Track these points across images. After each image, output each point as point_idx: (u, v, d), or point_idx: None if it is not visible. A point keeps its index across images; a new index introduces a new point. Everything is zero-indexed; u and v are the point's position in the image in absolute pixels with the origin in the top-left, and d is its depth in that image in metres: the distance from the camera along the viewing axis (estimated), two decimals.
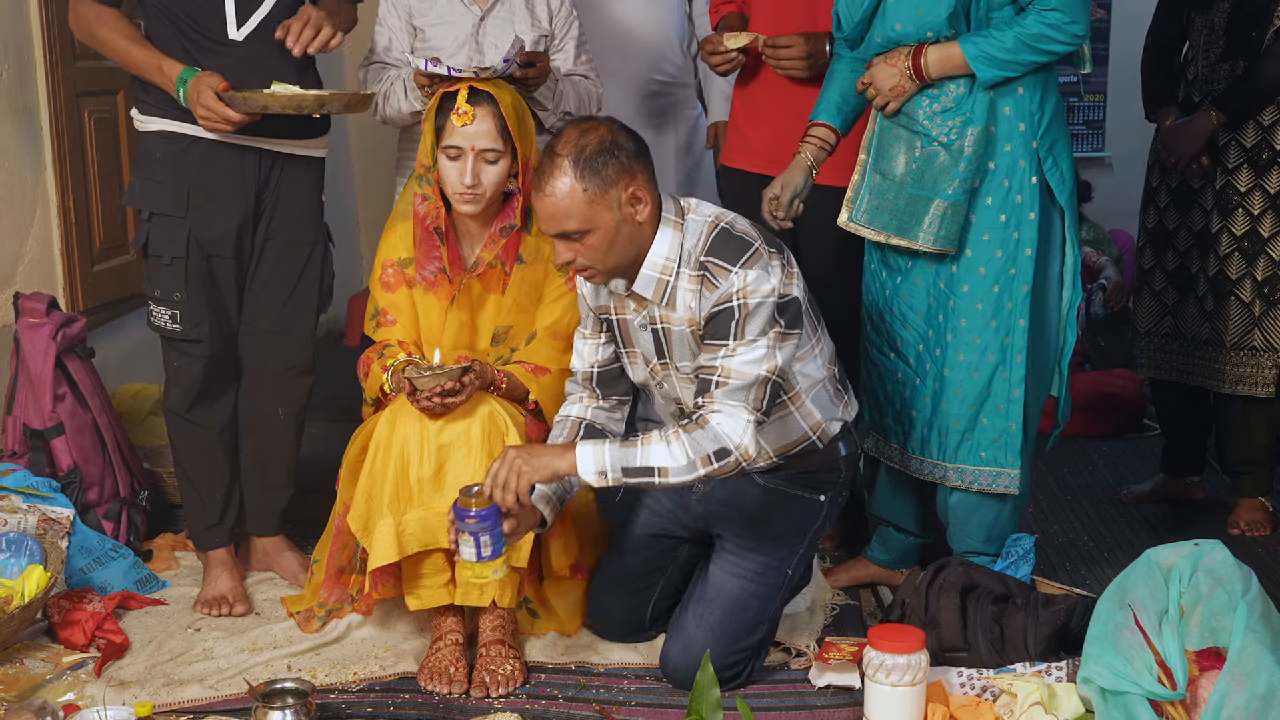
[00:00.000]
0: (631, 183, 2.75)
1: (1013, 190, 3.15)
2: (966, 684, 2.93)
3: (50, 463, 3.64)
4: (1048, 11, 3.03)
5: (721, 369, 2.76)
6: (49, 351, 3.63)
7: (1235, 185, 3.87)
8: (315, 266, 3.49)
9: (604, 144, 2.73)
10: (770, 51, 3.54)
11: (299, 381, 3.53)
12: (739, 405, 2.76)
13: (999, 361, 3.20)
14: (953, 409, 3.25)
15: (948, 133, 3.14)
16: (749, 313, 2.74)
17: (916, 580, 3.13)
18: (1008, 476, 3.25)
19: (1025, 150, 3.14)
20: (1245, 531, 3.96)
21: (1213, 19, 3.90)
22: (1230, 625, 2.59)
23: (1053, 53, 3.07)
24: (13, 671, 3.00)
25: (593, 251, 2.77)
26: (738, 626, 3.02)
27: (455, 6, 3.59)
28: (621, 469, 2.77)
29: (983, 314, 3.19)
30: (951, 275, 3.21)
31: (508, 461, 2.79)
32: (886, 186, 3.22)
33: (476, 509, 2.78)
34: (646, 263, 2.84)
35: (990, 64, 3.07)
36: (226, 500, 3.51)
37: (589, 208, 2.72)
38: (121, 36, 3.24)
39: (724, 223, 2.84)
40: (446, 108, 3.14)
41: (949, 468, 3.30)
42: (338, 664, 3.12)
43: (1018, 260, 3.16)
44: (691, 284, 2.84)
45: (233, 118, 3.14)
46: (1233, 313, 3.91)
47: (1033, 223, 3.15)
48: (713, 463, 2.75)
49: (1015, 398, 3.21)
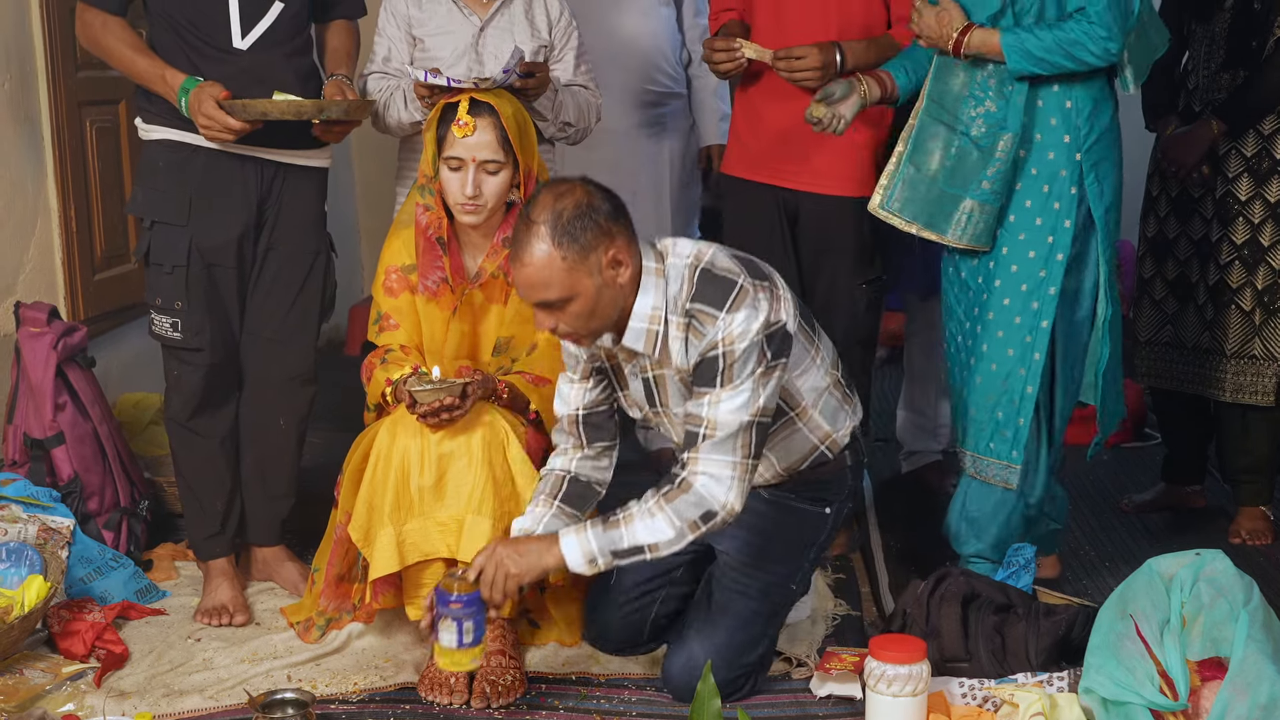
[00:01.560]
0: (611, 245, 2.68)
1: (1051, 197, 3.26)
2: (968, 694, 2.92)
3: (51, 472, 3.63)
4: (1089, 23, 3.12)
5: (708, 421, 2.72)
6: (50, 361, 3.63)
7: (1235, 194, 3.87)
8: (317, 276, 3.49)
9: (580, 207, 2.64)
10: (784, 64, 3.51)
11: (301, 391, 3.53)
12: (725, 458, 2.72)
13: (1018, 358, 3.30)
14: (974, 398, 3.37)
15: (984, 134, 3.24)
16: (735, 359, 2.69)
17: (918, 590, 3.13)
18: (1010, 471, 3.35)
19: (1068, 161, 3.24)
20: (1247, 540, 3.96)
21: (1213, 28, 3.90)
22: (1232, 635, 2.59)
23: (1083, 61, 3.15)
24: (12, 682, 2.99)
25: (575, 318, 2.71)
26: (741, 643, 3.00)
27: (455, 16, 3.59)
28: (611, 553, 2.74)
29: (1009, 310, 3.30)
30: (987, 270, 3.33)
31: (495, 560, 2.76)
32: (919, 179, 3.30)
33: (461, 593, 2.73)
34: (634, 314, 2.76)
35: (1023, 57, 3.16)
36: (227, 510, 3.51)
37: (569, 275, 2.64)
38: (126, 45, 3.25)
39: (704, 263, 2.76)
40: (448, 119, 3.14)
41: (968, 455, 3.42)
42: (338, 674, 3.12)
43: (1050, 264, 3.26)
44: (679, 331, 2.77)
45: (233, 126, 3.14)
46: (1233, 321, 3.90)
47: (1068, 230, 3.25)
48: (700, 527, 2.74)
49: (1029, 395, 3.30)
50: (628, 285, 2.73)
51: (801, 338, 2.87)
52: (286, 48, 3.33)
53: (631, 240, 2.74)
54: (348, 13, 3.54)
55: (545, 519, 2.93)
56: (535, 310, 2.74)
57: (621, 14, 4.35)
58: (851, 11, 3.58)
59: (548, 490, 2.99)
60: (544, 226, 2.63)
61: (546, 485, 3.00)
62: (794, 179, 3.64)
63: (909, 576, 3.55)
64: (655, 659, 3.16)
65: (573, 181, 2.71)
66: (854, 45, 3.54)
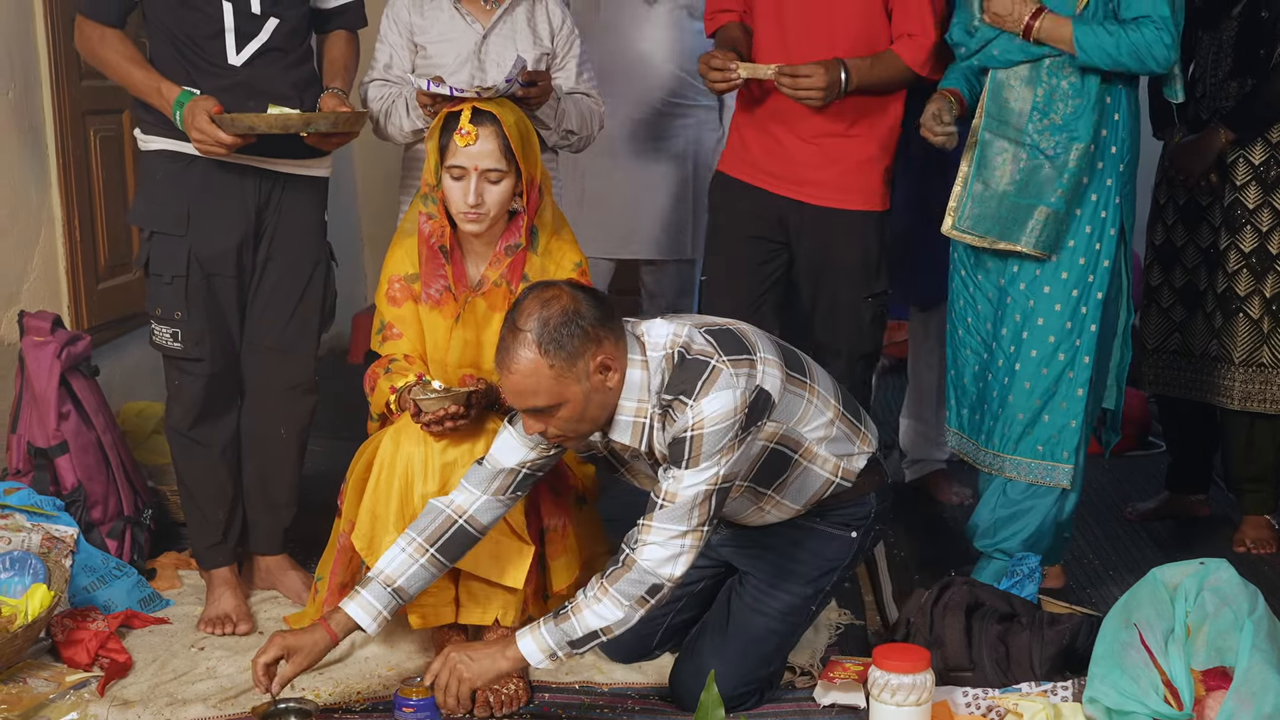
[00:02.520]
0: (599, 351, 2.67)
1: (1100, 205, 3.36)
2: (972, 704, 2.92)
3: (54, 481, 3.64)
4: (1157, 29, 3.20)
5: (666, 493, 2.71)
6: (53, 370, 3.63)
7: (1243, 202, 3.86)
8: (318, 285, 3.49)
9: (567, 314, 2.63)
10: (789, 81, 3.50)
11: (302, 400, 3.53)
12: (677, 527, 2.70)
13: (1068, 361, 3.40)
14: (1019, 403, 3.44)
15: (1053, 147, 3.31)
16: (703, 443, 2.67)
17: (921, 599, 3.13)
18: (1061, 471, 3.44)
19: (1115, 171, 3.37)
20: (1251, 549, 3.95)
21: (1221, 37, 3.90)
22: (1237, 644, 2.58)
23: (1146, 66, 3.27)
24: (16, 691, 2.99)
25: (564, 423, 2.70)
26: (754, 660, 3.00)
27: (457, 24, 3.59)
28: (568, 644, 2.73)
29: (1060, 315, 3.38)
30: (1035, 277, 3.40)
31: (449, 665, 2.76)
32: (989, 195, 3.36)
33: (416, 698, 2.79)
34: (620, 409, 2.75)
35: (1095, 50, 3.24)
36: (229, 519, 3.51)
37: (556, 383, 2.64)
38: (123, 58, 3.25)
39: (679, 347, 2.74)
40: (450, 127, 3.14)
41: (1006, 459, 3.48)
42: (341, 683, 3.11)
43: (1098, 270, 3.38)
44: (657, 422, 2.76)
45: (224, 139, 3.15)
46: (1241, 329, 3.90)
47: (1113, 238, 3.38)
48: (648, 601, 2.73)
49: (1079, 397, 3.41)
50: (616, 388, 2.73)
51: (793, 389, 2.83)
52: (284, 60, 3.33)
53: (619, 342, 2.72)
54: (348, 23, 3.54)
55: (410, 570, 2.87)
56: (524, 416, 2.74)
57: (644, 27, 4.35)
58: (854, 24, 3.57)
59: (429, 533, 2.89)
60: (530, 335, 2.63)
61: (431, 525, 2.90)
62: (795, 190, 3.63)
63: (913, 585, 3.54)
64: (661, 669, 3.16)
65: (559, 286, 2.71)
66: (858, 63, 3.52)
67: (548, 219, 3.27)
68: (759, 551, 3.05)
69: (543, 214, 3.25)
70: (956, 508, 4.30)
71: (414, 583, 2.89)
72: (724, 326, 2.81)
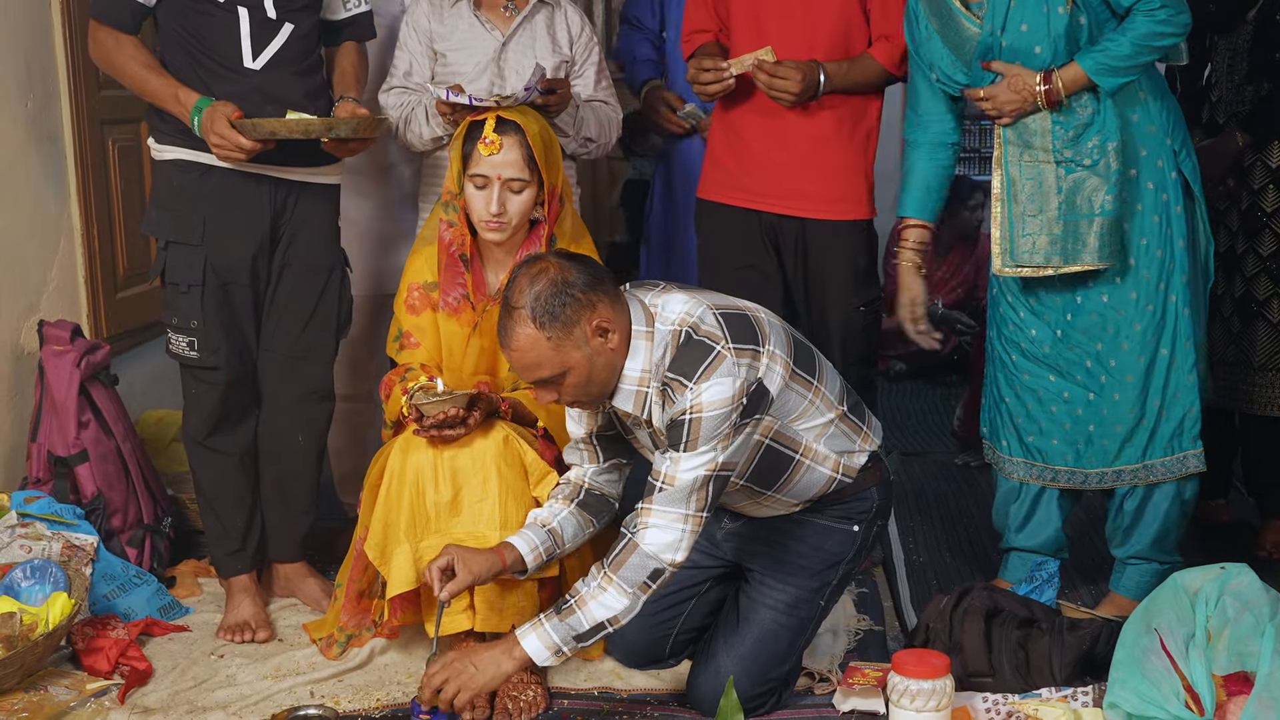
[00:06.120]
0: (594, 315, 2.70)
1: (1158, 190, 3.28)
2: (992, 709, 2.91)
3: (74, 490, 3.65)
4: (1155, 10, 3.13)
5: (665, 476, 2.73)
6: (73, 379, 3.64)
7: (1261, 206, 3.85)
8: (333, 292, 3.50)
9: (556, 285, 2.68)
10: (765, 78, 3.50)
11: (319, 407, 3.54)
12: (677, 510, 2.73)
13: (1170, 353, 3.33)
14: (1138, 411, 3.36)
15: (1090, 154, 3.22)
16: (701, 426, 2.69)
17: (940, 604, 3.12)
18: (1194, 458, 3.39)
19: (1162, 150, 3.28)
20: (1272, 554, 3.93)
21: (1235, 41, 3.89)
22: (1258, 649, 2.58)
23: (1166, 47, 3.21)
24: (37, 699, 3.00)
25: (574, 389, 2.75)
26: (769, 658, 3.00)
27: (477, 32, 3.60)
28: (573, 638, 2.75)
29: (1154, 314, 3.31)
30: (1115, 285, 3.31)
31: (451, 669, 2.76)
32: (1038, 223, 3.27)
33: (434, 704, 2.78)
34: (623, 378, 2.78)
35: (1112, 74, 3.17)
36: (248, 526, 3.51)
37: (557, 353, 2.69)
38: (139, 64, 3.26)
39: (689, 326, 2.75)
40: (474, 136, 3.15)
41: (1138, 468, 3.40)
42: (360, 690, 3.12)
43: (1175, 253, 3.30)
44: (657, 396, 2.79)
45: (244, 144, 3.16)
46: (1260, 334, 3.88)
47: (1180, 215, 3.30)
48: (651, 586, 2.75)
49: (1190, 383, 3.35)
50: (619, 348, 2.76)
51: (797, 386, 2.84)
52: (297, 67, 3.35)
53: (615, 302, 2.75)
54: (358, 34, 3.55)
55: (561, 515, 2.97)
56: (535, 387, 2.78)
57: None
58: (833, 27, 3.57)
59: (565, 494, 3.01)
60: (524, 310, 2.68)
61: (564, 491, 3.02)
62: (779, 204, 3.64)
63: (931, 591, 3.54)
64: (679, 675, 3.16)
65: (546, 259, 2.75)
66: (836, 65, 3.54)
67: (568, 228, 3.28)
68: (762, 546, 3.06)
69: (563, 223, 3.26)
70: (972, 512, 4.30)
71: (566, 527, 2.95)
72: (739, 310, 2.82)
